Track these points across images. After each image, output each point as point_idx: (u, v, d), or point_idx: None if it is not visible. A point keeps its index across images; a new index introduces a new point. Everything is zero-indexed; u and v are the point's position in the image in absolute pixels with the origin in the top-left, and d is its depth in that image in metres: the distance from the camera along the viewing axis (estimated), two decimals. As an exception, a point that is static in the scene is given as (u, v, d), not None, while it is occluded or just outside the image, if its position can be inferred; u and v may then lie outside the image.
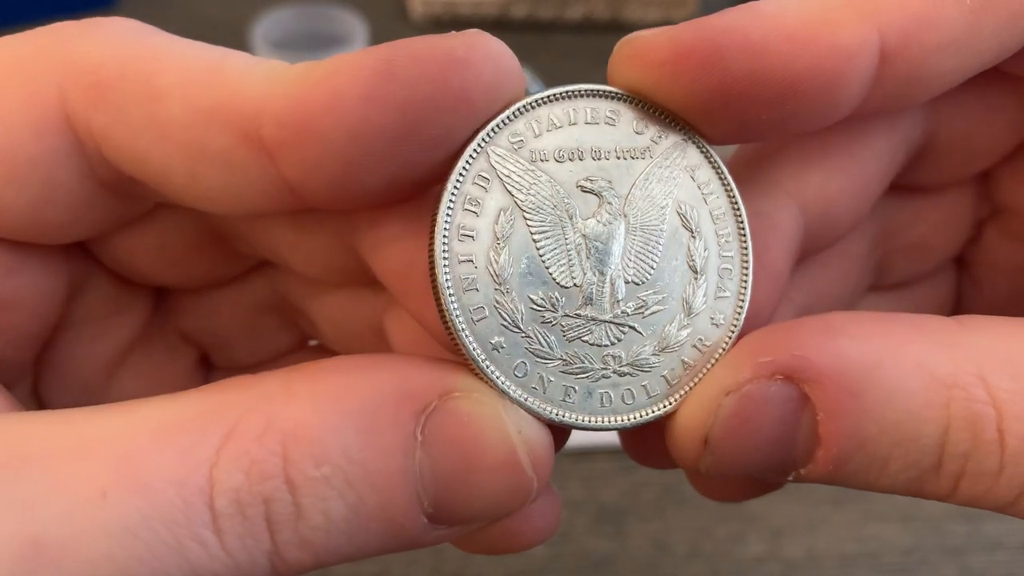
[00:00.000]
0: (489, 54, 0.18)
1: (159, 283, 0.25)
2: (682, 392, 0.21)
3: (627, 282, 0.20)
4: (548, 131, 0.20)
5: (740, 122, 0.20)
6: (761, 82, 0.19)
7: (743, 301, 0.21)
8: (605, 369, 0.20)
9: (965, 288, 0.28)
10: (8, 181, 0.19)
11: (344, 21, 0.70)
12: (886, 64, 0.19)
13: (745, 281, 0.21)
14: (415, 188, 0.20)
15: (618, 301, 0.20)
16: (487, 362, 0.20)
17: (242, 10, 0.73)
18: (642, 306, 0.20)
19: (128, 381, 0.26)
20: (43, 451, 0.17)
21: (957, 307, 0.28)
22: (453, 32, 0.18)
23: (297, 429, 0.18)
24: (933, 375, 0.18)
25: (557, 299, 0.20)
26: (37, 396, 0.24)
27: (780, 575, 0.43)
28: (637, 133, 0.20)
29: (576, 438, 0.49)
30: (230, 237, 0.24)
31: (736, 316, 0.21)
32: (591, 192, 0.20)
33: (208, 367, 0.28)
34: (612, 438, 0.47)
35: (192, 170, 0.19)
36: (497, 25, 0.75)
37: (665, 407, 0.21)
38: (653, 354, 0.21)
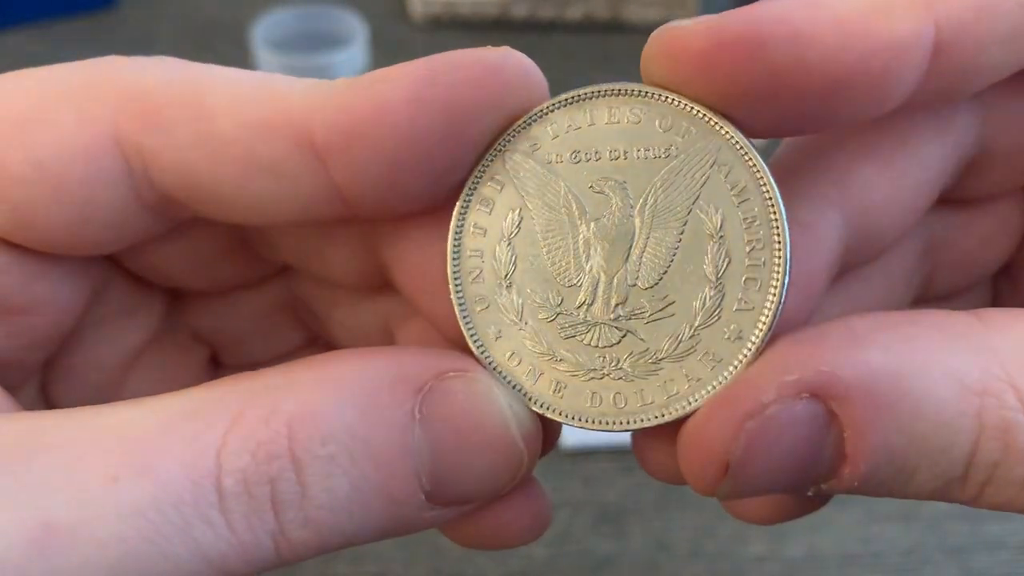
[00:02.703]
0: (520, 64, 0.20)
1: (180, 287, 0.25)
2: (684, 405, 0.20)
3: (633, 285, 0.20)
4: (566, 133, 0.20)
5: (783, 115, 0.19)
6: (808, 75, 0.18)
7: (766, 316, 0.19)
8: (599, 370, 0.20)
9: (1003, 289, 0.27)
10: (53, 199, 0.20)
11: (344, 21, 0.70)
12: (939, 56, 0.18)
13: (774, 294, 0.19)
14: (450, 192, 0.21)
15: (620, 304, 0.20)
16: (482, 348, 0.20)
17: (242, 10, 0.73)
18: (645, 310, 0.20)
19: (139, 381, 0.26)
20: (53, 441, 0.18)
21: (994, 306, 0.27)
22: (488, 46, 0.20)
23: (302, 411, 0.18)
24: (963, 383, 0.17)
25: (558, 297, 0.20)
26: (45, 398, 0.25)
27: (781, 575, 0.43)
28: (663, 131, 0.20)
29: (576, 438, 0.49)
30: (256, 243, 0.24)
31: (759, 332, 0.19)
32: (602, 193, 0.20)
33: (217, 366, 0.28)
34: (612, 438, 0.47)
35: (242, 182, 0.20)
36: (497, 25, 0.75)
37: (659, 418, 0.20)
38: (653, 361, 0.20)
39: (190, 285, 0.25)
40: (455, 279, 0.21)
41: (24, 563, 0.16)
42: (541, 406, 0.20)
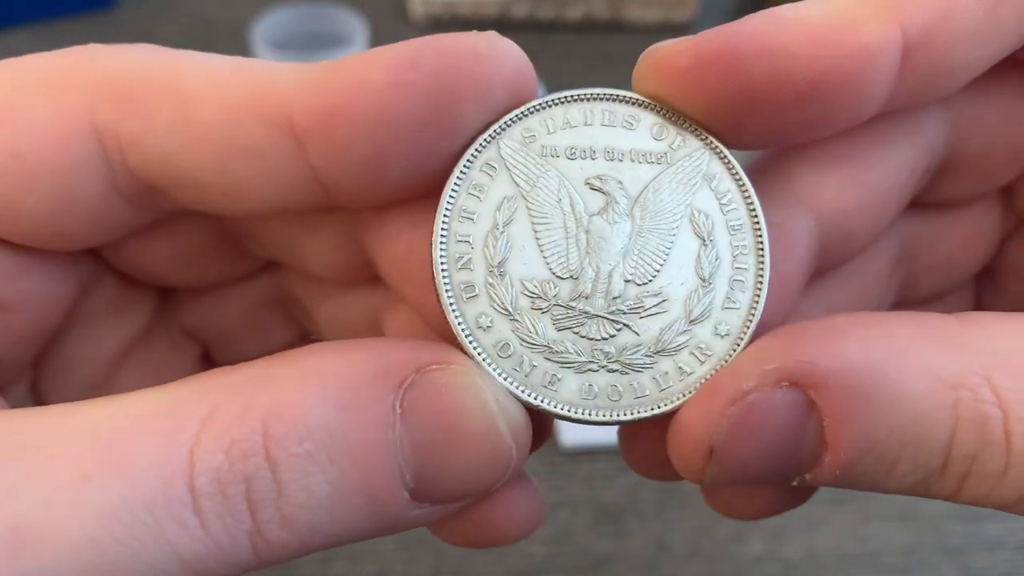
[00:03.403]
0: (508, 51, 0.19)
1: (168, 284, 0.25)
2: (676, 398, 0.20)
3: (627, 281, 0.20)
4: (562, 129, 0.20)
5: (765, 126, 0.20)
6: (784, 85, 0.19)
7: (754, 314, 0.20)
8: (593, 362, 0.20)
9: (987, 293, 0.28)
10: (30, 188, 0.19)
11: (344, 21, 0.70)
12: (908, 59, 0.19)
13: (759, 295, 0.21)
14: (432, 181, 0.20)
15: (615, 298, 0.20)
16: (471, 338, 0.20)
17: (242, 10, 0.73)
18: (640, 306, 0.20)
19: (131, 377, 0.26)
20: (23, 440, 0.18)
21: (978, 309, 0.28)
22: (473, 31, 0.19)
23: (277, 407, 0.18)
24: (939, 376, 0.18)
25: (551, 288, 0.20)
26: (36, 395, 0.25)
27: (780, 575, 0.43)
28: (656, 139, 0.20)
29: (576, 437, 0.49)
30: (241, 237, 0.24)
31: (745, 328, 0.20)
32: (599, 190, 0.20)
33: (209, 363, 0.28)
34: (612, 438, 0.47)
35: (222, 166, 0.19)
36: (497, 25, 0.75)
37: (654, 410, 0.20)
38: (647, 355, 0.20)
39: (177, 281, 0.25)
40: (442, 265, 0.20)
41: None
42: (532, 398, 0.20)
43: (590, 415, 0.20)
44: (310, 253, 0.24)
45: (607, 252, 0.20)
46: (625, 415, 0.20)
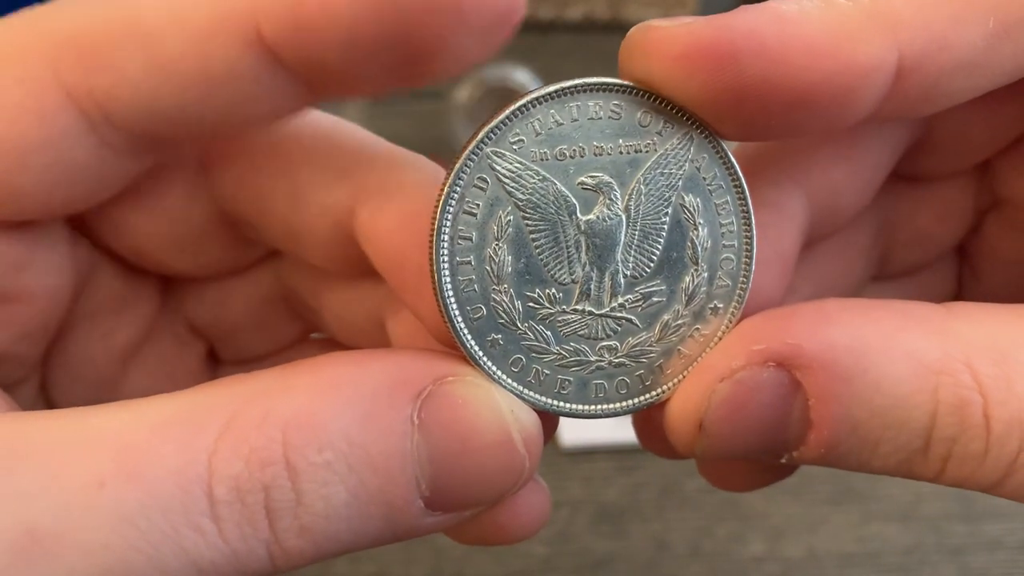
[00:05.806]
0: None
1: (168, 271, 0.25)
2: (676, 380, 0.21)
3: (626, 276, 0.21)
4: (550, 129, 0.20)
5: (750, 123, 0.20)
6: (774, 89, 0.19)
7: (742, 291, 0.21)
8: (600, 361, 0.21)
9: (966, 278, 0.28)
10: (21, 169, 0.19)
11: (344, 21, 0.70)
12: (901, 81, 0.19)
13: (746, 275, 0.21)
14: (418, 77, 0.19)
15: (616, 295, 0.21)
16: (484, 358, 0.20)
17: (242, 10, 0.73)
18: (640, 299, 0.21)
19: (138, 376, 0.26)
20: (41, 445, 0.18)
21: (958, 297, 0.28)
22: None
23: (297, 416, 0.18)
24: (921, 362, 0.19)
25: (554, 296, 0.20)
26: (45, 395, 0.25)
27: (780, 575, 0.43)
28: (642, 126, 0.20)
29: (576, 438, 0.49)
30: (239, 223, 0.24)
31: (735, 306, 0.21)
32: (591, 190, 0.20)
33: (215, 361, 0.28)
34: (612, 438, 0.47)
35: (202, 96, 0.19)
36: (497, 25, 0.75)
37: (657, 395, 0.21)
38: (650, 345, 0.21)
39: (177, 268, 0.25)
40: (446, 290, 0.20)
41: (8, 571, 0.16)
42: (547, 404, 0.21)
43: (601, 410, 0.21)
44: (305, 243, 0.24)
45: (607, 253, 0.21)
46: (633, 404, 0.21)
